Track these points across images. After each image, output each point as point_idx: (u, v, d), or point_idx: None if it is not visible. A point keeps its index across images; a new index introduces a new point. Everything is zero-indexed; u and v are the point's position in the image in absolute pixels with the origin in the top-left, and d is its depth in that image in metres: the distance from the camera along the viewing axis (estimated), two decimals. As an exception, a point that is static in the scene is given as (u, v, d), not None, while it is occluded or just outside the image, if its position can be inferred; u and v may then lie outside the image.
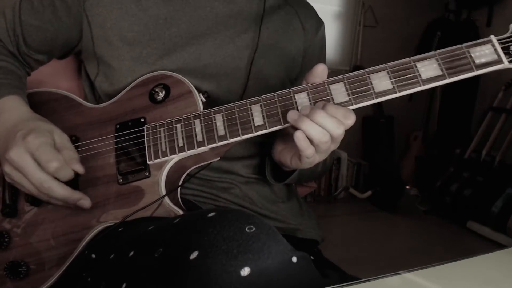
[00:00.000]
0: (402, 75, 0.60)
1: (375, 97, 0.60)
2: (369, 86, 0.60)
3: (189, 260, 0.43)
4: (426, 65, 0.59)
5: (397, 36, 3.22)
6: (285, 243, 0.45)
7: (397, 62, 0.61)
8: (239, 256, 0.42)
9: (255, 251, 0.42)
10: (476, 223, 2.52)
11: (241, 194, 0.78)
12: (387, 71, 0.60)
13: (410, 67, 0.60)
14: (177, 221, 0.52)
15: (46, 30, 0.75)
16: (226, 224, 0.45)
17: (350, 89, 0.61)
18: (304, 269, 0.44)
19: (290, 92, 0.62)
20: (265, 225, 0.46)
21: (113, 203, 0.66)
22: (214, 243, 0.43)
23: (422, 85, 0.59)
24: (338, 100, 0.61)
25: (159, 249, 0.47)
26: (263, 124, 0.62)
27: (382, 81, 0.60)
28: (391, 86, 0.60)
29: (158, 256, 0.47)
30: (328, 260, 0.80)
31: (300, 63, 0.85)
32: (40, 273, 0.64)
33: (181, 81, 0.69)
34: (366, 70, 0.61)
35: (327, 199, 3.07)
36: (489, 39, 0.59)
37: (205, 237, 0.44)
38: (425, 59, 0.60)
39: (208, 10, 0.76)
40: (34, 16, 0.74)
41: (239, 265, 0.41)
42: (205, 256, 0.42)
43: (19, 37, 0.75)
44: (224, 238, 0.43)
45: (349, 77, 0.61)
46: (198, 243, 0.44)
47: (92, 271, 0.59)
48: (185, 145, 0.64)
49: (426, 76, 0.59)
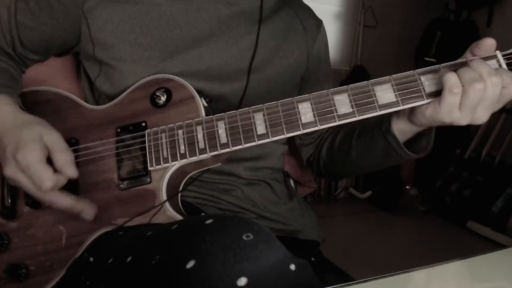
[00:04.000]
0: (406, 88, 0.59)
1: (379, 110, 0.59)
2: (372, 98, 0.60)
3: (185, 269, 0.42)
4: (431, 79, 0.59)
5: (397, 36, 3.22)
6: (284, 250, 0.44)
7: (402, 75, 0.60)
8: (236, 265, 0.41)
9: (252, 259, 0.42)
10: (476, 223, 2.52)
11: (242, 196, 0.78)
12: (391, 84, 0.60)
13: (414, 80, 0.59)
14: (175, 227, 0.51)
15: (42, 32, 0.74)
16: (224, 232, 0.44)
17: (353, 101, 0.60)
18: (303, 277, 0.44)
19: (293, 101, 0.62)
20: (263, 231, 0.45)
21: (113, 208, 0.65)
22: (211, 252, 0.43)
23: (425, 99, 0.59)
24: (342, 111, 0.60)
25: (156, 256, 0.47)
26: (266, 133, 0.62)
27: (386, 93, 0.59)
28: (395, 99, 0.59)
29: (155, 263, 0.46)
30: (329, 261, 0.80)
31: (305, 63, 0.85)
32: (40, 276, 0.64)
33: (183, 86, 0.68)
34: (370, 82, 0.60)
35: (327, 199, 3.07)
36: (494, 54, 0.58)
37: (202, 245, 0.44)
38: (429, 72, 0.59)
39: (210, 12, 0.76)
40: (30, 17, 0.73)
41: (236, 274, 0.40)
42: (201, 265, 0.42)
43: (14, 38, 0.74)
44: (221, 247, 0.43)
45: (353, 88, 0.60)
46: (195, 251, 0.43)
47: (91, 274, 0.58)
48: (186, 152, 0.64)
49: (430, 90, 0.59)
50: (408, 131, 0.68)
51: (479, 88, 0.54)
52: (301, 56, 0.84)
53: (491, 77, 0.54)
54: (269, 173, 0.82)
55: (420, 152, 0.70)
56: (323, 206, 2.98)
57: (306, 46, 0.84)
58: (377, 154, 0.73)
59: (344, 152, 0.81)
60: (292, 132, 0.61)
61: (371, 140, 0.73)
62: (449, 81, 0.55)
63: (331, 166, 0.87)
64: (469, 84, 0.54)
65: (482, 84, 0.54)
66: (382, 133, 0.70)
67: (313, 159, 0.90)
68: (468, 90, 0.55)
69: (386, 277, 0.45)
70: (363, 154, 0.77)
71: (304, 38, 0.84)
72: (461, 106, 0.56)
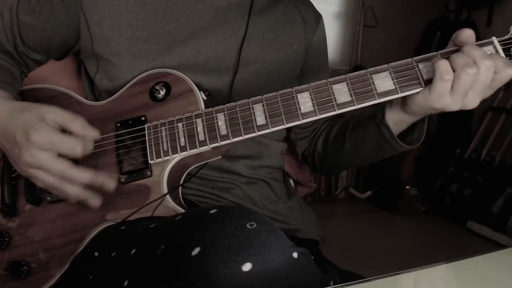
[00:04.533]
0: (404, 76, 0.60)
1: (377, 97, 0.60)
2: (371, 86, 0.60)
3: (191, 257, 0.43)
4: (428, 66, 0.59)
5: (397, 36, 3.22)
6: (286, 239, 0.45)
7: (400, 63, 0.60)
8: (241, 252, 0.42)
9: (256, 247, 0.42)
10: (476, 223, 2.52)
11: (242, 195, 0.78)
12: (389, 71, 0.60)
13: (412, 67, 0.60)
14: (178, 218, 0.52)
15: (43, 29, 0.75)
16: (228, 221, 0.45)
17: (352, 89, 0.60)
18: (305, 264, 0.44)
19: (292, 91, 0.62)
20: (266, 221, 0.46)
21: (115, 202, 0.65)
22: (215, 239, 0.43)
23: (424, 86, 0.59)
24: (341, 100, 0.60)
25: (160, 246, 0.48)
26: (265, 124, 0.62)
27: (384, 81, 0.60)
28: (393, 87, 0.60)
29: (160, 253, 0.47)
30: (328, 260, 0.80)
31: (304, 55, 0.85)
32: (42, 272, 0.64)
33: (182, 79, 0.69)
34: (368, 70, 0.61)
35: (327, 199, 3.07)
36: (491, 40, 0.59)
37: (206, 232, 0.44)
38: (427, 60, 0.60)
39: (207, 3, 0.76)
40: (32, 15, 0.74)
41: (241, 260, 0.41)
42: (206, 252, 0.43)
43: (16, 36, 0.75)
44: (226, 234, 0.44)
45: (351, 77, 0.61)
46: (199, 239, 0.44)
47: (94, 269, 0.59)
48: (187, 145, 0.64)
49: (427, 77, 0.59)
50: (402, 121, 0.69)
51: (471, 72, 0.54)
52: (300, 48, 0.84)
53: (484, 61, 0.54)
54: (268, 172, 0.83)
55: (413, 144, 0.71)
56: (323, 206, 2.98)
57: (305, 38, 0.84)
58: (371, 146, 0.74)
59: (338, 144, 0.81)
60: (291, 122, 0.62)
61: (365, 132, 0.74)
62: (440, 67, 0.55)
63: (325, 160, 0.87)
64: (462, 68, 0.54)
65: (475, 68, 0.54)
66: (376, 124, 0.70)
67: (307, 153, 0.91)
68: (460, 74, 0.55)
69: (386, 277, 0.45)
70: (357, 146, 0.77)
71: (303, 30, 0.84)
72: (453, 91, 0.57)
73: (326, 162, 0.88)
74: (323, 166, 0.89)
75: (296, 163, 1.00)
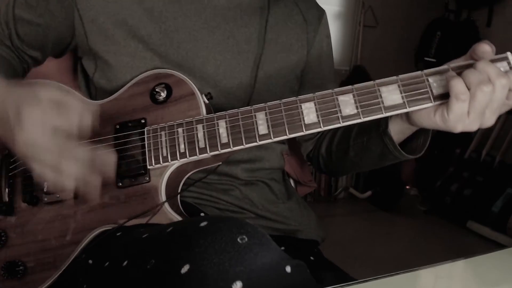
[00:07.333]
0: (413, 90, 0.57)
1: (384, 111, 0.57)
2: (378, 99, 0.58)
3: (180, 274, 0.42)
4: (439, 81, 0.56)
5: (397, 36, 3.22)
6: (279, 252, 0.44)
7: (409, 75, 0.58)
8: (231, 269, 0.41)
9: (247, 263, 0.41)
10: (476, 223, 2.52)
11: (241, 196, 0.77)
12: (397, 84, 0.57)
13: (421, 81, 0.57)
14: (170, 229, 0.51)
15: (38, 25, 0.74)
16: (218, 235, 0.44)
17: (358, 101, 0.58)
18: (299, 278, 0.43)
19: (296, 100, 0.60)
20: (258, 233, 0.45)
21: (111, 207, 0.65)
22: (205, 256, 0.42)
23: (433, 102, 0.56)
24: (346, 112, 0.58)
25: (151, 260, 0.47)
26: (267, 134, 0.60)
27: (392, 94, 0.57)
28: (401, 101, 0.57)
29: (150, 267, 0.46)
30: (328, 261, 0.80)
31: (305, 56, 0.83)
32: (38, 273, 0.64)
33: (184, 81, 0.67)
34: (376, 82, 0.58)
35: (327, 199, 3.07)
36: (505, 56, 0.56)
37: (196, 249, 0.43)
38: (438, 74, 0.57)
39: (205, 2, 0.74)
40: (28, 10, 0.73)
41: (231, 279, 0.40)
42: (196, 270, 0.41)
43: (11, 30, 0.74)
44: (216, 251, 0.42)
45: (358, 88, 0.58)
46: (189, 255, 0.43)
47: (88, 277, 0.58)
48: (186, 151, 0.63)
49: (437, 92, 0.56)
50: (406, 131, 0.67)
51: (487, 90, 0.52)
52: (301, 49, 0.82)
53: (499, 79, 0.52)
54: (266, 173, 0.82)
55: (417, 151, 0.69)
56: (323, 206, 2.98)
57: (306, 38, 0.82)
58: (374, 155, 0.73)
59: (342, 151, 0.80)
60: (294, 133, 0.60)
61: (368, 141, 0.73)
62: (455, 87, 0.53)
63: (330, 164, 0.86)
64: (477, 86, 0.52)
65: (490, 86, 0.52)
66: (379, 135, 0.69)
67: (312, 155, 0.90)
68: (476, 93, 0.52)
69: (386, 277, 0.45)
70: (361, 154, 0.76)
71: (304, 30, 0.82)
72: (470, 112, 0.54)
73: (331, 166, 0.87)
74: (328, 169, 0.88)
75: (296, 163, 1.00)
